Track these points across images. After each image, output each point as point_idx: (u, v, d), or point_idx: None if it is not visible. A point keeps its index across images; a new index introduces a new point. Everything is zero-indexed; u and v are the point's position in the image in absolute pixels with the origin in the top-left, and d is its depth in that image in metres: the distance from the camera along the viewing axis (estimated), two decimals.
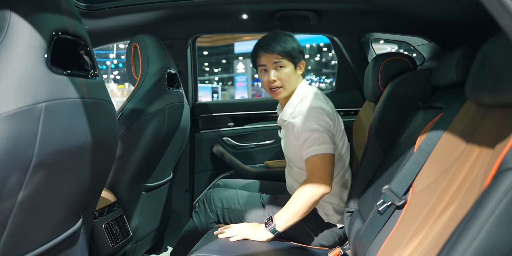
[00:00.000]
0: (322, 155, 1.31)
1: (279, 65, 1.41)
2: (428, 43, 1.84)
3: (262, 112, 2.25)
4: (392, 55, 1.54)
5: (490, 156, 0.73)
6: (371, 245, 1.01)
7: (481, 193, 0.67)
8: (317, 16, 1.76)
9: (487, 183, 0.62)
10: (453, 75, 1.13)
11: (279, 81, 1.42)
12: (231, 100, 2.99)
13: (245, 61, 20.31)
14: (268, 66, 1.42)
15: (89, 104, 0.85)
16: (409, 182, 0.98)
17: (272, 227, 1.28)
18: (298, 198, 1.29)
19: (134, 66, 1.65)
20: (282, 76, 1.41)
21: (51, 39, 0.74)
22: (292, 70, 1.43)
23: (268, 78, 1.42)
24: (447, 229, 0.74)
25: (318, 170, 1.30)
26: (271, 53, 1.40)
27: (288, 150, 1.49)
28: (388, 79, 1.50)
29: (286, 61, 1.41)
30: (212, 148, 2.18)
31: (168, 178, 1.84)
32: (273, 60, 1.40)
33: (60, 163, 0.78)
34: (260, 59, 1.44)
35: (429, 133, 1.01)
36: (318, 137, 1.31)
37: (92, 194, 1.02)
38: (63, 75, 0.77)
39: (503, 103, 0.76)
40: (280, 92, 1.43)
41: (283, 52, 1.39)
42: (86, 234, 1.06)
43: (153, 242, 1.86)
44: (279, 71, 1.41)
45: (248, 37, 21.84)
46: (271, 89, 1.44)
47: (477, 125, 0.86)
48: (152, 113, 1.50)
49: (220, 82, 28.94)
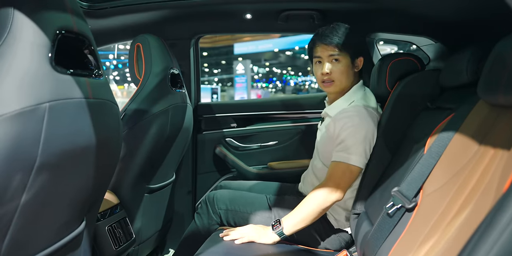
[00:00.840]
0: (348, 165, 1.27)
1: (334, 58, 1.35)
2: (434, 43, 1.82)
3: (265, 113, 2.23)
4: (400, 55, 1.52)
5: (506, 158, 0.72)
6: (381, 248, 0.99)
7: (499, 196, 0.65)
8: (322, 16, 1.75)
9: (507, 185, 0.60)
10: (463, 75, 1.11)
11: (333, 74, 1.37)
12: (234, 100, 2.97)
13: (244, 62, 20.30)
14: (324, 58, 1.37)
15: (94, 104, 0.84)
16: (420, 184, 0.96)
17: (279, 230, 1.26)
18: (309, 202, 1.26)
19: (137, 66, 1.63)
20: (336, 70, 1.36)
21: (55, 38, 0.72)
22: (348, 66, 1.37)
23: (322, 70, 1.37)
24: (462, 233, 0.72)
25: (338, 177, 1.27)
26: (328, 45, 1.35)
27: (321, 144, 1.44)
28: (396, 79, 1.48)
29: (343, 55, 1.35)
30: (215, 149, 2.16)
31: (170, 179, 1.82)
32: (329, 53, 1.35)
33: (64, 165, 0.76)
34: (316, 50, 1.38)
35: (439, 134, 0.99)
36: (355, 146, 1.27)
37: (96, 196, 1.01)
38: (68, 74, 0.75)
39: None
40: (331, 86, 1.39)
41: (340, 45, 1.34)
42: (89, 237, 1.04)
43: (155, 244, 1.84)
44: (333, 64, 1.36)
45: (248, 38, 21.85)
46: (323, 82, 1.39)
47: (490, 126, 0.84)
48: (155, 114, 1.48)
49: (220, 83, 28.95)
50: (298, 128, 2.18)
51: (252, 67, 24.68)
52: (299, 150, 2.17)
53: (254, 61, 26.85)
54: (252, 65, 24.51)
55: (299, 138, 2.17)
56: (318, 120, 2.18)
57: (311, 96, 2.41)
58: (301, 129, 2.18)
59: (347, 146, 1.28)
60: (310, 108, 2.21)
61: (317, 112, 2.21)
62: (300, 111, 2.23)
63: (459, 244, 0.69)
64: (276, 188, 1.71)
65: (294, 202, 1.46)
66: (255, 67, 28.07)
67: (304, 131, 2.17)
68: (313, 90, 28.20)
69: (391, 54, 1.57)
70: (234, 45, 22.58)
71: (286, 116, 2.24)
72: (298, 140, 2.17)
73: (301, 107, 2.22)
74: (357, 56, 1.38)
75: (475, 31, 1.54)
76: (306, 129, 2.17)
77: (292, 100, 2.29)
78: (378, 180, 1.31)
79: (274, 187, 1.71)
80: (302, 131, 2.17)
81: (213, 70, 28.93)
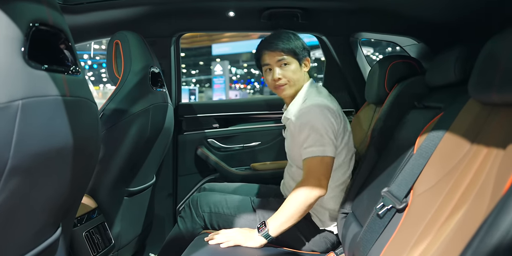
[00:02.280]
0: (321, 158, 1.26)
1: (283, 62, 1.37)
2: (417, 44, 1.84)
3: (248, 113, 2.20)
4: (400, 57, 1.53)
5: (501, 157, 0.71)
6: (371, 250, 0.97)
7: (496, 196, 0.64)
8: (306, 14, 1.73)
9: (509, 184, 0.59)
10: (451, 75, 1.11)
11: (284, 78, 1.38)
12: (216, 100, 2.92)
13: (222, 63, 20.27)
14: (272, 65, 1.38)
15: (71, 102, 0.78)
16: (410, 185, 0.94)
17: (265, 232, 1.23)
18: (292, 201, 1.24)
19: (116, 64, 1.57)
20: (287, 73, 1.37)
21: (28, 31, 0.67)
22: (297, 67, 1.38)
23: (273, 76, 1.38)
24: (460, 232, 0.70)
25: (315, 172, 1.26)
26: (274, 51, 1.36)
27: (291, 149, 1.44)
28: (395, 81, 1.48)
29: (290, 58, 1.36)
30: (196, 151, 2.11)
31: (151, 182, 1.76)
32: (276, 58, 1.36)
33: (38, 167, 0.71)
34: (264, 58, 1.39)
35: (429, 133, 0.98)
36: (320, 138, 1.27)
37: (73, 200, 0.95)
38: (42, 70, 0.70)
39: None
40: (285, 89, 1.39)
41: (286, 49, 1.35)
42: (65, 244, 0.98)
43: (135, 250, 1.77)
44: (283, 68, 1.37)
45: (226, 38, 21.81)
46: (276, 88, 1.40)
47: (482, 125, 0.83)
48: (135, 114, 1.43)
49: (198, 84, 28.77)
50: (281, 129, 2.15)
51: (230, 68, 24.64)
52: (282, 151, 2.13)
53: (232, 62, 26.82)
54: (230, 66, 24.48)
55: (282, 139, 2.14)
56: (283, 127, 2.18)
57: None
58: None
59: (312, 141, 1.27)
60: None
61: None
62: (283, 111, 2.20)
63: (456, 245, 0.67)
64: (260, 190, 1.68)
65: (278, 204, 1.43)
66: (233, 68, 28.05)
67: None
68: None
69: (391, 56, 1.57)
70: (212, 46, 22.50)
71: (269, 116, 2.22)
72: (281, 141, 2.13)
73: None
74: (303, 57, 1.40)
75: (458, 31, 1.55)
76: None
77: (275, 100, 2.26)
78: (365, 180, 1.29)
79: (258, 189, 1.68)
80: None
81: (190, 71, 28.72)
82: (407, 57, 1.55)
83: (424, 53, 1.83)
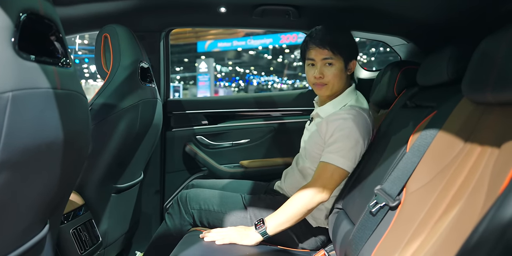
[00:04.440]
0: (337, 167, 1.25)
1: (328, 62, 1.32)
2: (406, 43, 1.85)
3: (237, 110, 2.18)
4: (412, 63, 1.54)
5: (496, 155, 0.71)
6: (364, 247, 0.97)
7: (492, 194, 0.64)
8: (298, 12, 1.72)
9: (506, 183, 0.59)
10: (444, 74, 1.12)
11: (326, 78, 1.33)
12: (205, 97, 2.89)
13: (207, 60, 20.14)
14: (317, 62, 1.33)
15: (62, 95, 0.76)
16: (403, 183, 0.95)
17: (263, 229, 1.22)
18: (295, 202, 1.23)
19: (104, 58, 1.54)
20: (329, 74, 1.32)
21: (18, 20, 0.64)
22: (341, 69, 1.33)
23: (315, 73, 1.33)
24: (454, 230, 0.71)
25: (326, 178, 1.24)
26: (322, 49, 1.31)
27: (311, 144, 1.39)
28: (405, 86, 1.49)
29: (336, 59, 1.31)
30: (185, 147, 2.08)
31: (139, 178, 1.73)
32: (323, 56, 1.32)
33: (27, 162, 0.68)
34: (310, 53, 1.34)
35: (422, 132, 0.98)
36: (347, 150, 1.25)
37: (61, 197, 0.92)
38: (33, 61, 0.67)
39: (507, 101, 0.74)
40: (323, 89, 1.35)
41: (336, 49, 1.30)
42: (52, 242, 0.95)
43: (122, 247, 1.74)
44: (327, 68, 1.32)
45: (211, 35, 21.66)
46: (314, 84, 1.36)
47: (475, 123, 0.84)
48: (124, 109, 1.40)
49: (182, 81, 28.53)
50: (270, 126, 2.15)
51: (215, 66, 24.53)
52: (271, 149, 2.14)
53: (217, 60, 26.70)
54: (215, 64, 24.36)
55: (271, 136, 2.15)
56: (291, 118, 2.18)
57: (284, 94, 2.39)
58: (273, 127, 2.15)
59: (339, 149, 1.25)
60: (283, 106, 2.19)
61: (290, 110, 2.20)
62: (273, 109, 2.20)
63: (451, 243, 0.68)
64: (250, 187, 1.66)
65: (270, 202, 1.43)
66: (218, 66, 27.93)
67: (276, 129, 2.14)
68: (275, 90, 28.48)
69: (402, 61, 1.58)
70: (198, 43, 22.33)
71: (258, 114, 2.21)
72: (271, 138, 2.14)
73: (274, 105, 2.20)
74: (350, 60, 1.36)
75: (447, 32, 1.57)
76: (279, 127, 2.14)
77: (265, 98, 2.25)
78: (356, 178, 1.30)
79: (248, 186, 1.67)
80: (274, 129, 2.15)
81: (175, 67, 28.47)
82: (419, 63, 1.57)
83: (414, 53, 1.85)
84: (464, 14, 1.40)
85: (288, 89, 28.16)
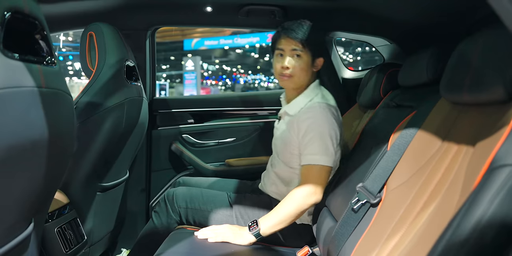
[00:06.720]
0: (322, 167, 1.27)
1: (296, 53, 1.33)
2: (389, 44, 1.89)
3: (223, 109, 2.20)
4: (398, 66, 1.57)
5: (471, 154, 0.74)
6: (346, 243, 1.00)
7: (466, 190, 0.67)
8: (284, 12, 1.74)
9: (478, 180, 0.62)
10: (424, 75, 1.15)
11: (292, 69, 1.35)
12: (191, 96, 2.90)
13: (194, 58, 20.03)
14: (286, 52, 1.35)
15: (47, 94, 0.76)
16: (384, 180, 0.98)
17: (256, 231, 1.23)
18: (288, 205, 1.25)
19: (89, 56, 1.53)
20: (296, 65, 1.34)
21: (3, 19, 0.65)
22: (308, 63, 1.35)
23: (282, 63, 1.35)
24: (431, 226, 0.74)
25: (315, 179, 1.26)
26: (293, 39, 1.33)
27: (282, 144, 1.41)
28: (390, 88, 1.52)
29: (305, 51, 1.33)
30: (171, 146, 2.08)
31: (124, 177, 1.73)
32: (292, 47, 1.33)
33: (12, 160, 0.68)
34: (280, 42, 1.36)
35: (402, 131, 1.01)
36: (326, 147, 1.27)
37: (46, 195, 0.92)
38: (18, 60, 0.67)
39: (482, 102, 0.77)
40: (288, 80, 1.36)
41: (304, 41, 1.32)
42: (37, 240, 0.95)
43: (107, 246, 1.74)
44: (295, 59, 1.34)
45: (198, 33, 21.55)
46: (281, 75, 1.37)
47: (452, 123, 0.87)
48: (110, 108, 1.40)
49: (168, 79, 28.31)
50: (256, 125, 2.17)
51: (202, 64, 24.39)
52: (257, 147, 2.15)
53: (204, 58, 26.55)
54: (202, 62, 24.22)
55: (257, 135, 2.16)
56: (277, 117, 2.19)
57: (270, 92, 2.41)
58: (259, 126, 2.17)
59: (318, 149, 1.28)
60: (269, 105, 2.20)
61: (276, 109, 2.21)
62: (258, 108, 2.22)
63: (428, 238, 0.70)
64: (236, 185, 1.68)
65: (255, 200, 1.44)
66: (205, 64, 27.80)
67: (262, 128, 2.16)
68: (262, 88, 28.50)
69: (390, 63, 1.59)
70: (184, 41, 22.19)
71: (244, 113, 2.22)
72: (257, 137, 2.16)
73: (260, 103, 2.21)
74: (318, 56, 1.38)
75: (429, 33, 1.61)
76: (265, 126, 2.16)
77: (251, 97, 2.27)
78: (340, 176, 1.32)
79: (234, 185, 1.68)
80: (260, 128, 2.16)
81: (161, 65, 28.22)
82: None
83: (396, 54, 1.89)
84: (444, 18, 1.43)
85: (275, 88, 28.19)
